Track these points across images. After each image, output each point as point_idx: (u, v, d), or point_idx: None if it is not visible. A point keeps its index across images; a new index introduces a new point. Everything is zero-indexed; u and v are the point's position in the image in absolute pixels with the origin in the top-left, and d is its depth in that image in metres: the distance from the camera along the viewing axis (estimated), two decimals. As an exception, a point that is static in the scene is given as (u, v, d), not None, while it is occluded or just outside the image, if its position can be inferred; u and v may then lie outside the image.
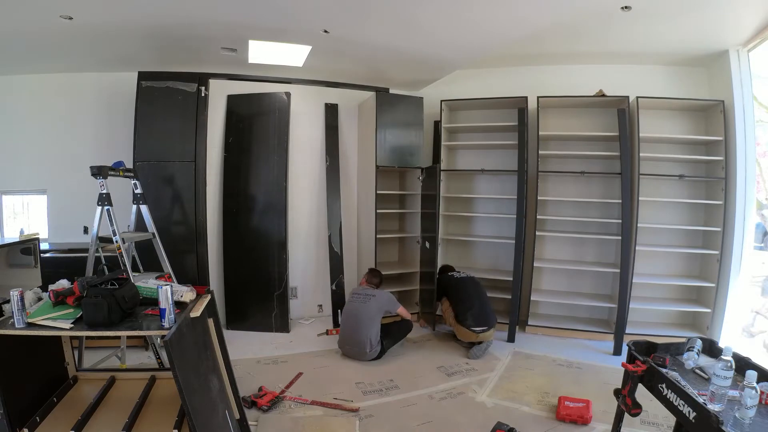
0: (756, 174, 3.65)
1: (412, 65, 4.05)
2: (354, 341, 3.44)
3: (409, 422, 2.57)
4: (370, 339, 3.39)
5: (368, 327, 3.40)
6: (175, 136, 3.75)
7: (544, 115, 4.12)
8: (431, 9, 2.87)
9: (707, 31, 3.30)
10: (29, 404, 1.82)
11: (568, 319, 4.21)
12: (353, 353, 3.47)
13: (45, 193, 4.08)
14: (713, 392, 1.42)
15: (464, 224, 4.68)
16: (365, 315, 3.43)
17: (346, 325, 3.53)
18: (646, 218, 3.88)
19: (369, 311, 3.44)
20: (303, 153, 4.44)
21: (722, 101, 3.65)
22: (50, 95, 4.01)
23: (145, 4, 2.73)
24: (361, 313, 3.44)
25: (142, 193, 3.10)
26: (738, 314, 3.65)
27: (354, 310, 3.50)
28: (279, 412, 2.64)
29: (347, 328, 3.51)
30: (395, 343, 3.59)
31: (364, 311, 3.44)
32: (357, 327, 3.43)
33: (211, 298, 2.11)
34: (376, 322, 3.45)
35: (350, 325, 3.49)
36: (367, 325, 3.40)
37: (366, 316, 3.42)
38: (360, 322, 3.42)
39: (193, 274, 3.78)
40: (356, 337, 3.42)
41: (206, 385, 1.82)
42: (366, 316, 3.42)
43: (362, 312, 3.45)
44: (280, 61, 3.85)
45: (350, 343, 3.48)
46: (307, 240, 4.54)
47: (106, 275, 1.89)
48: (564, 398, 2.67)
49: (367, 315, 3.43)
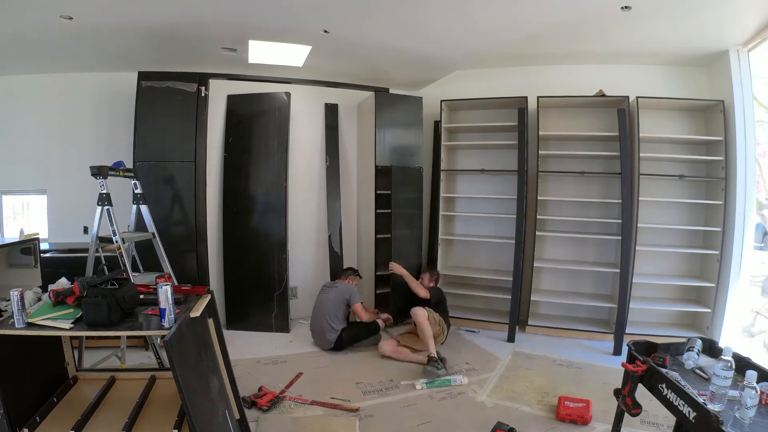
0: (756, 174, 3.65)
1: (412, 65, 4.05)
2: (316, 327, 3.68)
3: (409, 422, 2.57)
4: (331, 324, 3.58)
5: (328, 313, 3.60)
6: (175, 136, 3.75)
7: (544, 115, 4.11)
8: (431, 9, 2.87)
9: (707, 31, 3.30)
10: (29, 404, 1.82)
11: (568, 319, 4.21)
12: (317, 340, 3.73)
13: (45, 193, 4.09)
14: (713, 392, 1.42)
15: (464, 224, 4.68)
16: (326, 302, 3.66)
17: (313, 313, 3.79)
18: (646, 218, 3.88)
19: (329, 299, 3.67)
20: (303, 153, 4.44)
21: (722, 101, 3.64)
22: (50, 95, 4.01)
23: (145, 4, 2.73)
24: (324, 301, 3.69)
25: (142, 193, 3.10)
26: (738, 314, 3.65)
27: (322, 299, 3.74)
28: (279, 412, 2.64)
29: (313, 315, 3.77)
30: (356, 341, 3.68)
31: (325, 299, 3.70)
32: (319, 313, 3.66)
33: (211, 298, 2.11)
34: (338, 310, 3.63)
35: (315, 313, 3.74)
36: (328, 311, 3.61)
37: (327, 304, 3.65)
38: (322, 307, 3.66)
39: (193, 274, 3.79)
40: (318, 322, 3.65)
41: (206, 385, 1.82)
42: (327, 304, 3.65)
43: (325, 300, 3.69)
44: (280, 61, 3.85)
45: (314, 330, 3.74)
46: (307, 240, 4.54)
47: (106, 275, 1.88)
48: (564, 398, 2.67)
49: (327, 302, 3.66)
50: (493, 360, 3.51)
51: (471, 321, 4.27)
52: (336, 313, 3.61)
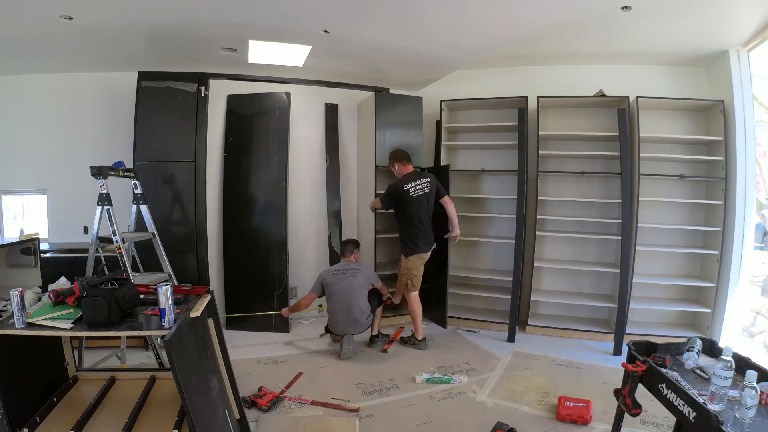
0: (756, 174, 3.65)
1: (412, 65, 4.05)
2: (350, 317, 3.49)
3: (409, 422, 2.57)
4: (363, 309, 3.51)
5: (360, 299, 3.51)
6: (175, 136, 3.75)
7: (544, 115, 4.11)
8: (431, 9, 2.87)
9: (707, 31, 3.30)
10: (29, 404, 1.82)
11: (568, 319, 4.21)
12: (349, 329, 3.52)
13: (45, 193, 4.08)
14: (713, 392, 1.42)
15: (464, 224, 4.67)
16: (356, 286, 3.52)
17: (338, 302, 3.52)
18: (646, 218, 3.88)
19: (359, 282, 3.54)
20: (303, 153, 4.44)
21: (722, 101, 3.64)
22: (50, 95, 4.00)
23: (145, 4, 2.73)
24: (353, 286, 3.52)
25: (142, 193, 3.10)
26: (738, 314, 3.64)
27: (345, 286, 3.52)
28: (279, 412, 2.64)
29: (340, 304, 3.52)
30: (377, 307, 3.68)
31: (354, 284, 3.53)
32: (351, 300, 3.49)
33: (211, 298, 2.11)
34: (364, 292, 3.56)
35: (342, 300, 3.51)
36: (360, 296, 3.52)
37: (358, 290, 3.52)
38: (353, 293, 3.50)
39: (193, 274, 3.79)
40: (352, 312, 3.48)
41: (206, 385, 1.82)
42: (358, 290, 3.52)
43: (353, 285, 3.53)
44: (280, 61, 3.85)
45: (345, 320, 3.51)
46: (307, 240, 4.54)
47: (106, 275, 1.88)
48: (564, 398, 2.66)
49: (358, 286, 3.53)
50: (493, 360, 3.51)
51: (471, 321, 4.27)
52: (363, 295, 3.54)
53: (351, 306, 3.49)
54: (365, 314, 3.53)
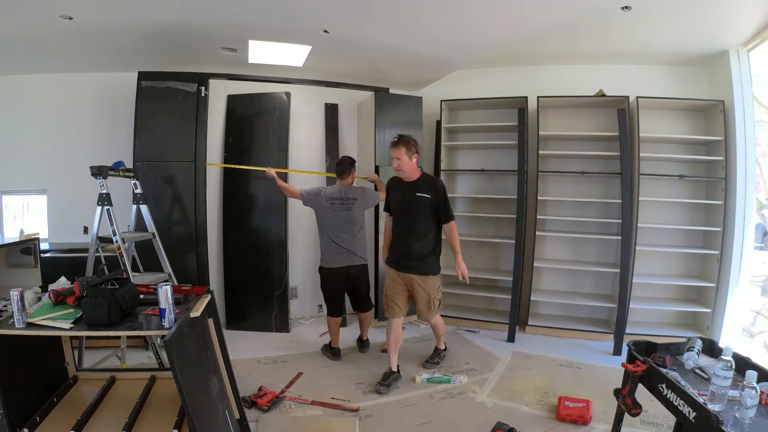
0: (756, 174, 3.65)
1: (412, 65, 4.05)
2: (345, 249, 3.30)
3: (409, 422, 2.57)
4: (362, 241, 3.37)
5: (360, 229, 3.32)
6: (175, 136, 3.75)
7: (544, 115, 4.11)
8: (431, 9, 2.87)
9: (707, 31, 3.30)
10: (29, 404, 1.82)
11: (568, 319, 4.21)
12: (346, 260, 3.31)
13: (45, 193, 4.08)
14: (713, 392, 1.42)
15: (464, 224, 4.67)
16: (359, 218, 3.32)
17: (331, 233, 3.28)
18: (646, 218, 3.88)
19: (360, 215, 3.34)
20: (303, 153, 4.43)
21: (722, 101, 3.64)
22: (50, 95, 4.00)
23: (145, 4, 2.73)
24: (355, 218, 3.32)
25: (142, 193, 3.11)
26: (738, 314, 3.64)
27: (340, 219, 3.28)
28: (279, 412, 2.64)
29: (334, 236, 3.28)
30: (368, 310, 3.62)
31: (357, 217, 3.32)
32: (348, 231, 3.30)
33: (211, 298, 2.11)
34: (363, 219, 3.38)
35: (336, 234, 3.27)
36: (360, 227, 3.32)
37: (359, 220, 3.33)
38: (353, 227, 3.31)
39: (193, 274, 3.79)
40: (349, 241, 3.30)
41: (206, 385, 1.82)
42: (359, 220, 3.33)
43: (357, 217, 3.32)
44: (280, 61, 3.85)
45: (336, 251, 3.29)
46: (307, 240, 4.53)
47: (106, 275, 1.89)
48: (564, 398, 2.66)
49: (359, 218, 3.33)
50: (493, 360, 3.51)
51: (471, 321, 4.27)
52: (362, 223, 3.33)
53: (350, 237, 3.30)
54: (363, 245, 3.33)
